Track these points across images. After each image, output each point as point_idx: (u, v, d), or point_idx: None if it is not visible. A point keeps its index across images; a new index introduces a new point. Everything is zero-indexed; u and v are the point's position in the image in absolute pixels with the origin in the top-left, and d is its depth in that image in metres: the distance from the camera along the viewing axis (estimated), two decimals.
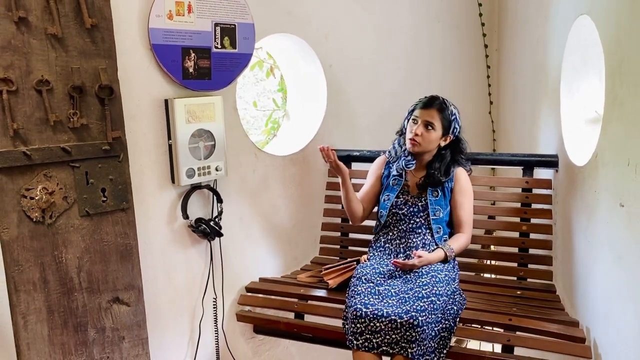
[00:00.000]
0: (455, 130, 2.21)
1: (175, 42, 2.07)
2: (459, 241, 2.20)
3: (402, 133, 2.32)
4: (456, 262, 2.25)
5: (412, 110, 2.24)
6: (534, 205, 2.41)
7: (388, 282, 2.06)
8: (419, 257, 2.04)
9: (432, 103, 2.19)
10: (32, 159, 1.69)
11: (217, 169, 2.26)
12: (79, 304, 1.83)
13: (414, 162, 2.24)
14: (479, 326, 2.04)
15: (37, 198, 1.72)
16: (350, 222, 2.40)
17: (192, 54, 2.12)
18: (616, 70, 1.65)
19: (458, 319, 1.99)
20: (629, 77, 1.55)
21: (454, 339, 2.01)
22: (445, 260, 2.13)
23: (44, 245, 1.75)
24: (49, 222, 1.76)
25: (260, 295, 2.44)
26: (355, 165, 2.75)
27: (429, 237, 2.21)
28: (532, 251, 2.38)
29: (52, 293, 1.78)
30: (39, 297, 1.75)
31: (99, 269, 1.87)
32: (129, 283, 1.94)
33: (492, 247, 2.81)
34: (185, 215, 2.22)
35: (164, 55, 2.05)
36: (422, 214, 2.22)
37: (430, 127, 2.17)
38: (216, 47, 2.19)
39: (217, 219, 2.30)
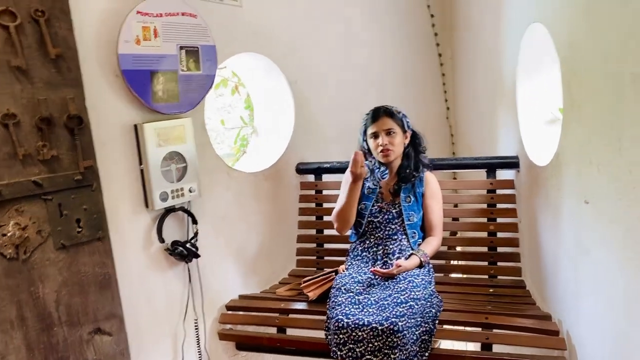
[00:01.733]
0: (409, 124, 2.31)
1: (144, 67, 2.06)
2: (431, 244, 2.27)
3: (365, 152, 2.37)
4: (431, 265, 2.32)
5: (365, 129, 2.32)
6: (499, 205, 2.51)
7: (367, 290, 2.10)
8: (398, 266, 2.11)
9: (379, 112, 2.27)
10: (2, 195, 1.66)
11: (190, 191, 2.26)
12: (59, 339, 1.80)
13: (387, 171, 2.32)
14: (458, 327, 2.10)
15: (9, 234, 1.68)
16: (337, 232, 2.36)
17: (161, 78, 2.11)
18: (572, 74, 1.75)
19: (437, 321, 2.05)
20: (586, 82, 1.64)
21: (437, 342, 2.06)
22: (420, 266, 2.19)
23: (20, 282, 1.72)
24: (24, 257, 1.72)
25: (241, 312, 2.45)
26: (326, 177, 2.80)
27: (405, 242, 2.27)
28: (500, 249, 2.48)
29: (30, 330, 1.74)
30: (18, 335, 1.71)
31: (78, 301, 1.84)
32: (109, 312, 1.92)
33: (458, 248, 2.90)
34: (161, 239, 2.21)
35: (134, 80, 2.04)
36: (397, 220, 2.29)
37: (392, 133, 2.25)
38: (182, 70, 2.19)
39: (193, 240, 2.29)
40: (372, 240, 2.32)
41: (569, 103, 1.79)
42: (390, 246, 2.28)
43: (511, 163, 2.50)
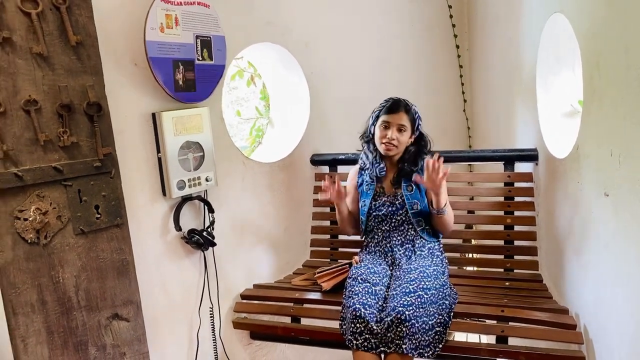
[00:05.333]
0: (419, 126, 2.29)
1: (167, 55, 2.08)
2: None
3: (368, 138, 2.35)
4: (445, 257, 2.30)
5: (378, 116, 2.29)
6: (516, 198, 2.49)
7: (383, 281, 2.11)
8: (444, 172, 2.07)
9: (399, 106, 2.24)
10: (24, 180, 1.68)
11: (207, 180, 2.27)
12: (78, 323, 1.82)
13: (384, 168, 2.31)
14: (473, 319, 2.09)
15: (30, 219, 1.70)
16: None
17: (181, 66, 2.13)
18: (594, 65, 1.72)
19: (452, 313, 2.04)
20: (607, 71, 1.61)
21: (451, 335, 2.05)
22: (438, 205, 2.16)
23: (40, 266, 1.74)
24: (44, 242, 1.74)
25: (256, 301, 2.46)
26: (341, 169, 2.80)
27: (412, 232, 2.26)
28: (517, 243, 2.46)
29: (50, 314, 1.76)
30: (38, 318, 1.74)
31: (97, 287, 1.86)
32: (127, 298, 1.94)
33: (473, 241, 2.87)
34: (178, 227, 2.22)
35: (160, 68, 2.06)
36: (401, 211, 2.27)
37: (403, 130, 2.23)
38: (198, 59, 2.20)
39: (209, 229, 2.31)
40: (379, 234, 2.32)
41: (590, 94, 1.77)
42: (398, 237, 2.27)
43: (530, 155, 2.47)
